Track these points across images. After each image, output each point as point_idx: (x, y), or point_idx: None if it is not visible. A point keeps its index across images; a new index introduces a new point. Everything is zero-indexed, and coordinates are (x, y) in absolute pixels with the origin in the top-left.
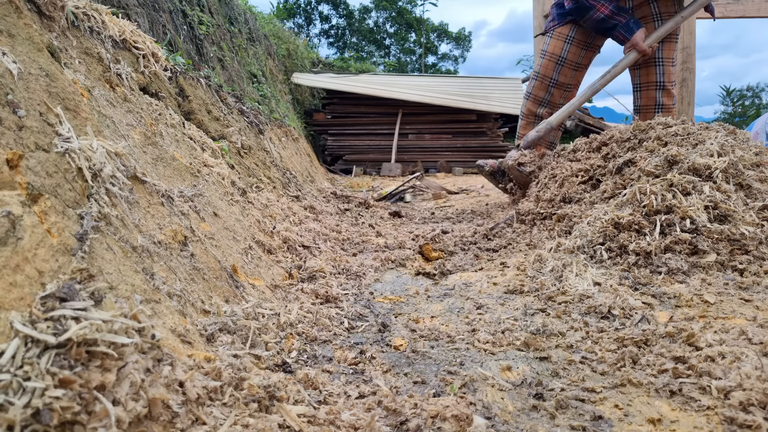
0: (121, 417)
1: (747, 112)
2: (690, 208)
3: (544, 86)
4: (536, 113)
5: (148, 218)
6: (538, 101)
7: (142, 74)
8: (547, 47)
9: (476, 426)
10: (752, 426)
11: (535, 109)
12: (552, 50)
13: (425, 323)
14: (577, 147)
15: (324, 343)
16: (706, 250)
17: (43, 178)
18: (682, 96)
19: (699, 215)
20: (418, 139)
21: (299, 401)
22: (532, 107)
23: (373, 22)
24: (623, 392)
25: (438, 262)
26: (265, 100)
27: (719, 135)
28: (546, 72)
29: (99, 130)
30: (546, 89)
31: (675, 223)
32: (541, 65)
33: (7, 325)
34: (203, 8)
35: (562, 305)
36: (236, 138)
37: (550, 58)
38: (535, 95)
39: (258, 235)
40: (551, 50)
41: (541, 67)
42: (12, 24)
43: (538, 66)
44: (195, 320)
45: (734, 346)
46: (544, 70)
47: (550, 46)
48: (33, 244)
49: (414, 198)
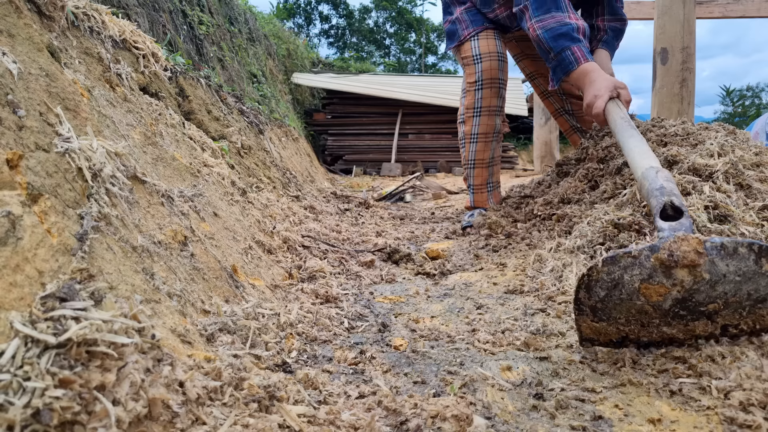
0: (121, 417)
1: (747, 112)
2: (690, 208)
3: (494, 92)
4: (495, 126)
5: (148, 218)
6: (493, 112)
7: (142, 74)
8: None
9: (476, 426)
10: (752, 426)
11: (493, 122)
12: (486, 49)
13: (425, 323)
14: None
15: (324, 343)
16: None
17: (43, 178)
18: (682, 96)
19: (699, 215)
20: (418, 139)
21: (299, 401)
22: (490, 121)
23: (373, 22)
24: (623, 392)
25: (438, 262)
26: (265, 100)
27: (719, 135)
28: (490, 75)
29: (99, 130)
30: (497, 94)
31: None
32: (482, 69)
33: (7, 325)
34: (203, 8)
35: (562, 305)
36: (236, 138)
37: (488, 57)
38: (488, 106)
39: (258, 235)
40: (485, 50)
41: (483, 72)
42: (12, 24)
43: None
44: (195, 320)
45: (734, 346)
46: (488, 73)
47: (482, 47)
48: (33, 244)
49: (414, 198)
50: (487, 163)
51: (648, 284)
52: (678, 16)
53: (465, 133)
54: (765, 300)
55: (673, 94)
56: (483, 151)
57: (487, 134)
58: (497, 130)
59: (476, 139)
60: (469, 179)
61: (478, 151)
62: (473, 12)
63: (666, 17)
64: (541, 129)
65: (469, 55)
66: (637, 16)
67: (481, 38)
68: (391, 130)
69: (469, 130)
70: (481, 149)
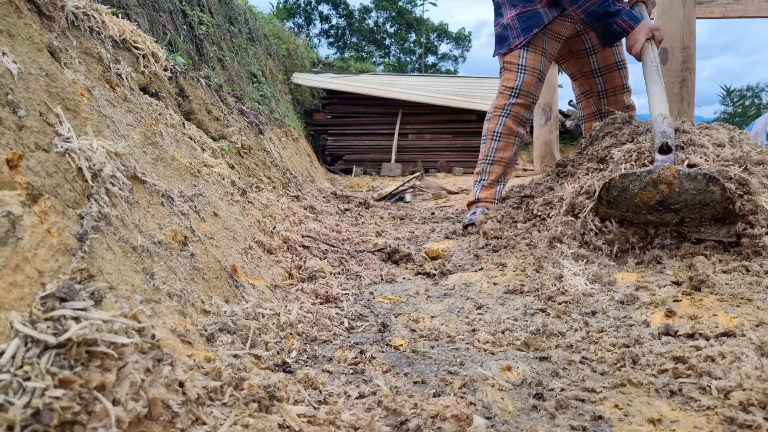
0: (121, 417)
1: (747, 112)
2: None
3: (526, 104)
4: (517, 132)
5: (148, 218)
6: (519, 119)
7: (142, 74)
8: (525, 61)
9: (476, 426)
10: (752, 426)
11: (516, 127)
12: (532, 64)
13: (425, 323)
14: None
15: (324, 343)
16: None
17: (43, 178)
18: (682, 96)
19: None
20: (418, 139)
21: (299, 401)
22: (513, 126)
23: (373, 22)
24: (623, 392)
25: (438, 262)
26: (265, 100)
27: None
28: (529, 89)
29: (99, 130)
30: (528, 107)
31: None
32: (523, 81)
33: (7, 325)
34: (203, 8)
35: (562, 305)
36: (236, 138)
37: (531, 72)
38: (516, 113)
39: (258, 235)
40: (531, 64)
41: (524, 84)
42: (12, 24)
43: (518, 81)
44: (195, 320)
45: (734, 346)
46: (527, 87)
47: (529, 60)
48: (33, 244)
49: (414, 198)
50: (505, 163)
51: (642, 191)
52: (678, 16)
53: (489, 129)
54: (707, 205)
55: (673, 94)
56: (504, 150)
57: (509, 135)
58: (519, 135)
59: (499, 137)
60: (482, 174)
61: (499, 149)
62: (524, 18)
63: (666, 17)
64: (541, 129)
65: (515, 63)
66: None
67: (531, 51)
68: (391, 130)
69: (493, 128)
70: (503, 148)
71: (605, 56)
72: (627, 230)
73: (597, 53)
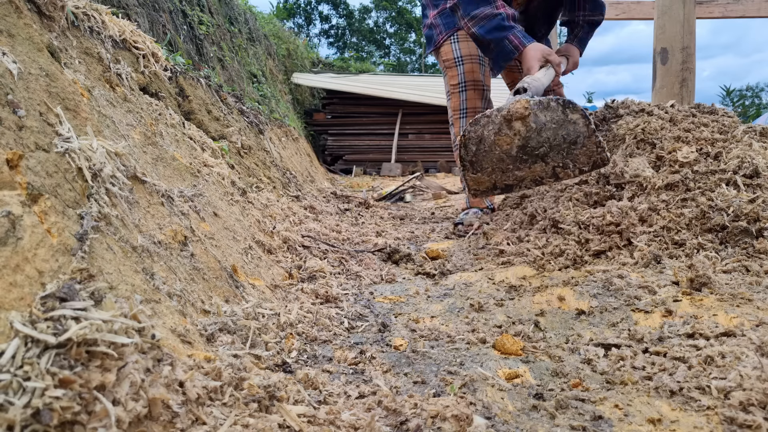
0: (121, 417)
1: (747, 112)
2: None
3: (478, 93)
4: None
5: (148, 218)
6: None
7: (142, 74)
8: (459, 51)
9: (476, 426)
10: (752, 426)
11: None
12: (467, 52)
13: (425, 323)
14: None
15: (324, 343)
16: None
17: (43, 178)
18: (682, 96)
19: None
20: (418, 139)
21: (299, 401)
22: None
23: (373, 22)
24: (623, 392)
25: (438, 262)
26: (265, 100)
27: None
28: (473, 77)
29: (99, 130)
30: (482, 96)
31: None
32: (464, 71)
33: (7, 325)
34: (203, 8)
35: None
36: (236, 138)
37: (470, 59)
38: (473, 107)
39: (258, 235)
40: (466, 52)
41: (465, 74)
42: (12, 24)
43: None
44: (195, 320)
45: (734, 346)
46: (470, 75)
47: (462, 49)
48: (33, 244)
49: (414, 198)
50: None
51: (499, 136)
52: (678, 16)
53: (455, 135)
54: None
55: (673, 94)
56: None
57: None
58: None
59: None
60: (463, 181)
61: None
62: (445, 14)
63: (666, 17)
64: None
65: (450, 58)
66: (637, 16)
67: (462, 40)
68: (391, 130)
69: (458, 132)
70: None
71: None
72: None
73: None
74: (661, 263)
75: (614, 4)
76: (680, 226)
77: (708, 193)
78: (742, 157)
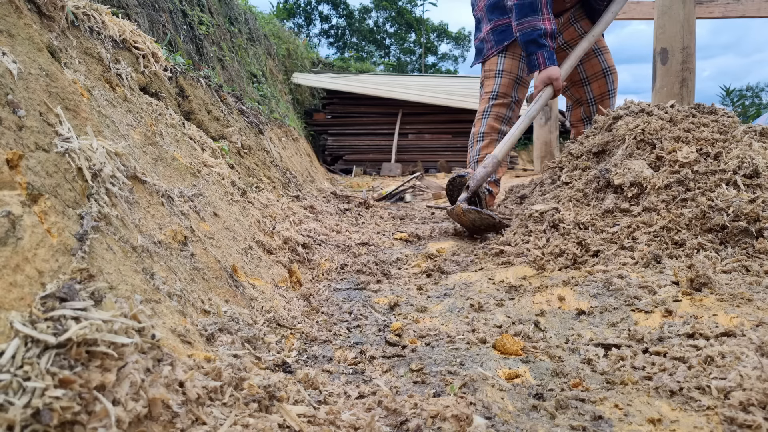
0: (121, 417)
1: (747, 112)
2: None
3: (506, 104)
4: (500, 129)
5: (148, 218)
6: (501, 118)
7: (142, 74)
8: (502, 66)
9: (476, 426)
10: (752, 426)
11: (498, 125)
12: (509, 68)
13: (425, 323)
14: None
15: (324, 343)
16: None
17: (43, 178)
18: (682, 96)
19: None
20: (418, 139)
21: (299, 401)
22: (496, 124)
23: (373, 22)
24: (623, 392)
25: (438, 262)
26: (265, 100)
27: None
28: (506, 90)
29: (99, 130)
30: (508, 106)
31: None
32: (500, 84)
33: (7, 325)
34: (203, 8)
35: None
36: (236, 138)
37: (508, 75)
38: (497, 112)
39: (258, 235)
40: (508, 68)
41: (500, 86)
42: (12, 24)
43: (496, 85)
44: (195, 320)
45: (734, 346)
46: (504, 88)
47: (506, 65)
48: (33, 244)
49: (414, 198)
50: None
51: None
52: (678, 16)
53: (474, 133)
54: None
55: (673, 94)
56: (488, 147)
57: (491, 133)
58: (502, 133)
59: (482, 137)
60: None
61: (482, 147)
62: (498, 31)
63: (666, 17)
64: (541, 129)
65: (493, 69)
66: (637, 16)
67: (508, 57)
68: (391, 130)
69: (477, 131)
70: (486, 145)
71: (592, 65)
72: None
73: (584, 63)
74: (661, 263)
75: None
76: (680, 226)
77: (708, 193)
78: (742, 157)
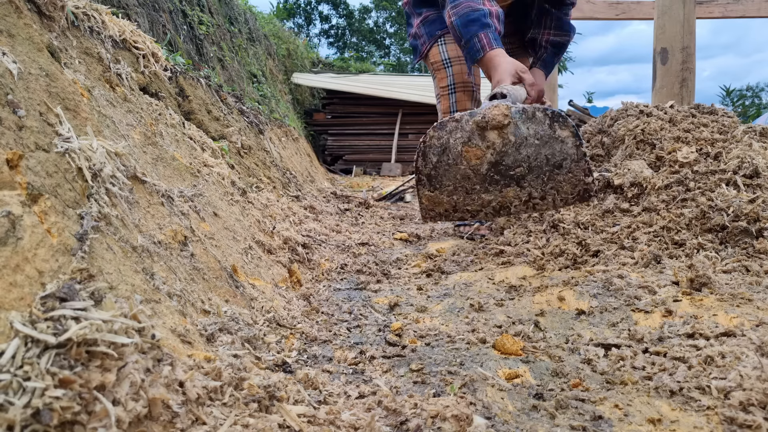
0: (121, 417)
1: (747, 112)
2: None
3: (468, 91)
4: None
5: (148, 218)
6: (470, 103)
7: (142, 74)
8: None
9: (476, 426)
10: (752, 426)
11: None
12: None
13: (425, 323)
14: None
15: (324, 343)
16: None
17: (43, 178)
18: (682, 96)
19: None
20: (418, 139)
21: (299, 401)
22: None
23: (373, 22)
24: (623, 392)
25: (438, 262)
26: (265, 100)
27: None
28: (462, 78)
29: (99, 130)
30: (471, 97)
31: None
32: (453, 73)
33: (7, 325)
34: (203, 8)
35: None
36: (236, 138)
37: (458, 61)
38: (463, 109)
39: (258, 235)
40: (454, 54)
41: (455, 75)
42: (12, 24)
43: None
44: (195, 320)
45: (734, 346)
46: (459, 77)
47: (450, 51)
48: (33, 244)
49: (414, 198)
50: None
51: (468, 147)
52: (678, 16)
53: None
54: (560, 166)
55: (673, 94)
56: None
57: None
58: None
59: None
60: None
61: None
62: (428, 23)
63: (666, 17)
64: None
65: (439, 60)
66: (637, 16)
67: (449, 42)
68: (391, 130)
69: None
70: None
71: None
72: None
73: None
74: (661, 263)
75: (614, 4)
76: (680, 226)
77: (708, 193)
78: (742, 157)
